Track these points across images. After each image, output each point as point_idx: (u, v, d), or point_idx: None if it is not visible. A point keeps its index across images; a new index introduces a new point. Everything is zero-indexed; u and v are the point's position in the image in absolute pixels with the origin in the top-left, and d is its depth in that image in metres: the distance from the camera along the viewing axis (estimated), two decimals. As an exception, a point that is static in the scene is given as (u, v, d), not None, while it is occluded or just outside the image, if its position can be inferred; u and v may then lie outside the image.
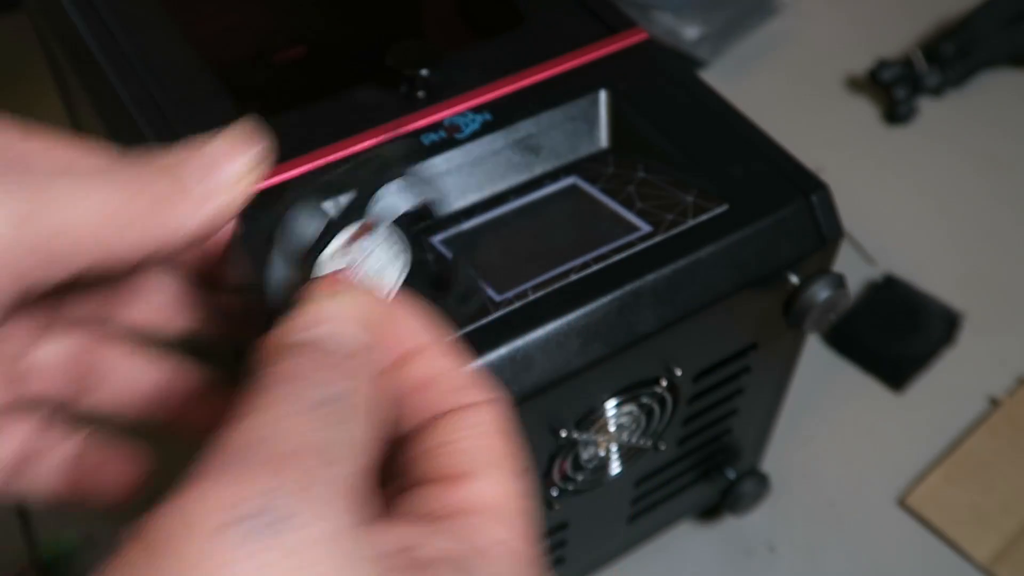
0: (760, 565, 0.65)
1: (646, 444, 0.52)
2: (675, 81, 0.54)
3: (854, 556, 0.66)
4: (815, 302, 0.48)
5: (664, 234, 0.47)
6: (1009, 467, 0.68)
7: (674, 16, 0.93)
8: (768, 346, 0.53)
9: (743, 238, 0.47)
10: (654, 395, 0.49)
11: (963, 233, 0.83)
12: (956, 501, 0.67)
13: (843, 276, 0.49)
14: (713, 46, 0.94)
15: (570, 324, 0.44)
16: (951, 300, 0.77)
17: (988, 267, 0.81)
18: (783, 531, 0.67)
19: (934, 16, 0.98)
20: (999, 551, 0.65)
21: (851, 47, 0.97)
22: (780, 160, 0.50)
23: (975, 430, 0.70)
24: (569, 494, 0.51)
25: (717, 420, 0.56)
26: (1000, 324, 0.77)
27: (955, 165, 0.88)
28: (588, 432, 0.48)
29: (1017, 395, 0.72)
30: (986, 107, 0.93)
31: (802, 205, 0.48)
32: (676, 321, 0.46)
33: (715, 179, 0.49)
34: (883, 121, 0.92)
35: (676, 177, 0.49)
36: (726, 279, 0.47)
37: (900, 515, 0.67)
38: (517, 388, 0.43)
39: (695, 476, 0.60)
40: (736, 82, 0.94)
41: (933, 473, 0.68)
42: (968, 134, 0.91)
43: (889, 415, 0.72)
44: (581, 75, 0.53)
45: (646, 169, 0.50)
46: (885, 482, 0.69)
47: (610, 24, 0.56)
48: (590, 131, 0.52)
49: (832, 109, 0.93)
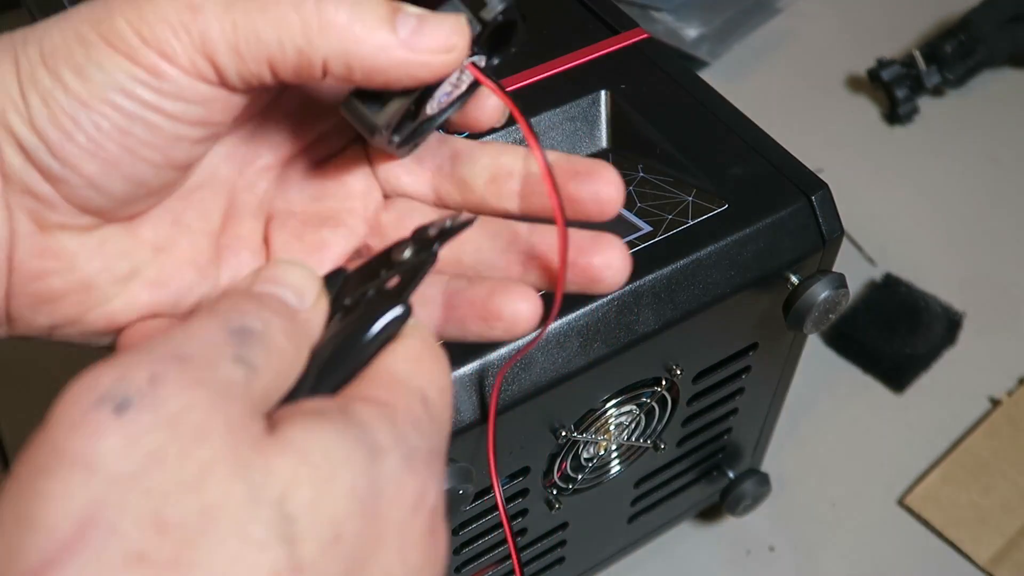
0: (760, 565, 0.65)
1: (646, 444, 0.52)
2: (675, 81, 0.54)
3: (854, 556, 0.66)
4: (815, 302, 0.48)
5: (664, 234, 0.47)
6: (1009, 467, 0.68)
7: (674, 16, 0.93)
8: (768, 346, 0.53)
9: (743, 238, 0.47)
10: (654, 395, 0.49)
11: (963, 233, 0.83)
12: (956, 501, 0.67)
13: (843, 276, 0.49)
14: (713, 46, 0.94)
15: (570, 324, 0.44)
16: (951, 300, 0.77)
17: (988, 267, 0.81)
18: (783, 531, 0.67)
19: (934, 16, 0.98)
20: (999, 551, 0.65)
21: (851, 47, 0.97)
22: (780, 160, 0.50)
23: (975, 430, 0.70)
24: (569, 494, 0.51)
25: (717, 420, 0.56)
26: (1000, 324, 0.77)
27: (955, 165, 0.88)
28: (588, 432, 0.48)
29: (1017, 395, 0.72)
30: (986, 107, 0.93)
31: (802, 205, 0.48)
32: (676, 321, 0.46)
33: (715, 179, 0.49)
34: (883, 121, 0.92)
35: (676, 177, 0.49)
36: (726, 279, 0.47)
37: (900, 515, 0.67)
38: (517, 388, 0.43)
39: (695, 476, 0.60)
40: (736, 82, 0.94)
41: (933, 473, 0.68)
42: (968, 134, 0.91)
43: (889, 415, 0.72)
44: (581, 75, 0.53)
45: (646, 169, 0.50)
46: (885, 482, 0.69)
47: (610, 24, 0.56)
48: (590, 131, 0.52)
49: (832, 109, 0.93)
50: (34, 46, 0.28)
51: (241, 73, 0.28)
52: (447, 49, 0.28)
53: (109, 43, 0.27)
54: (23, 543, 0.20)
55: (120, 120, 0.28)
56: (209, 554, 0.20)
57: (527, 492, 0.49)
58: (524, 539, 0.52)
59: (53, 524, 0.20)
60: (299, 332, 0.26)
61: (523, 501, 0.49)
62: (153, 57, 0.27)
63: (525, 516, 0.50)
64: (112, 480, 0.21)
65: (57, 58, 0.28)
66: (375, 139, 0.30)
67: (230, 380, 0.23)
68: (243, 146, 0.33)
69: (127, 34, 0.27)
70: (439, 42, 0.28)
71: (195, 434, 0.21)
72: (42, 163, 0.28)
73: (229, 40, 0.27)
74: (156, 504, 0.20)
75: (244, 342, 0.24)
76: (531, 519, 0.51)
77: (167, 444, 0.21)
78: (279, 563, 0.21)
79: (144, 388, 0.22)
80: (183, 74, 0.27)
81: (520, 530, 0.51)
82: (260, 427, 0.23)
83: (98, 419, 0.21)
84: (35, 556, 0.20)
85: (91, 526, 0.20)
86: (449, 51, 0.28)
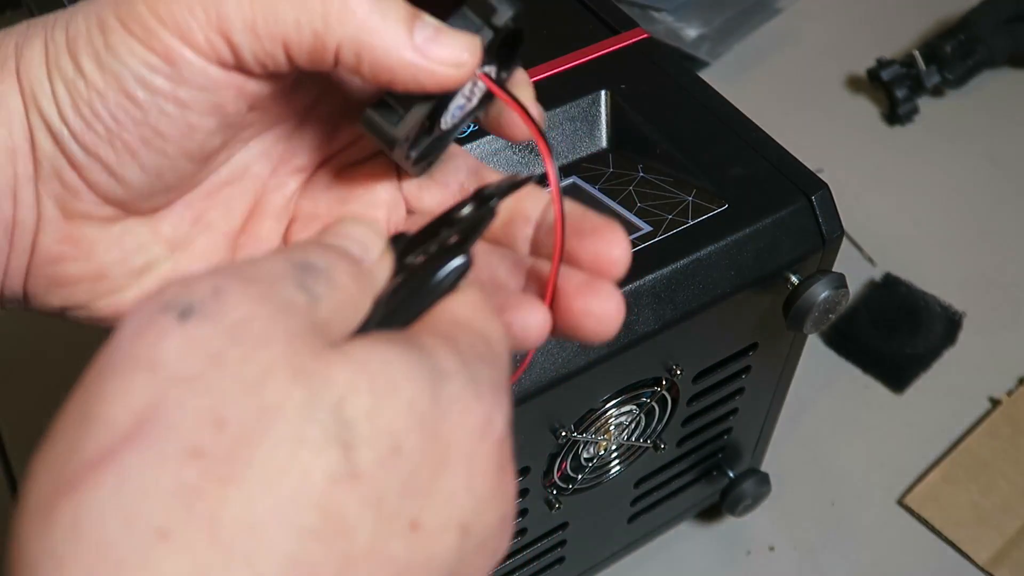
0: (760, 565, 0.65)
1: (646, 444, 0.52)
2: (675, 81, 0.54)
3: (854, 556, 0.66)
4: (815, 302, 0.48)
5: (664, 234, 0.47)
6: (1009, 467, 0.68)
7: (674, 16, 0.93)
8: (768, 346, 0.53)
9: (743, 238, 0.47)
10: (654, 395, 0.49)
11: (963, 233, 0.83)
12: (956, 501, 0.67)
13: (843, 276, 0.49)
14: (713, 46, 0.94)
15: (570, 324, 0.44)
16: (951, 300, 0.77)
17: (988, 267, 0.81)
18: (783, 531, 0.67)
19: (934, 16, 0.98)
20: (999, 551, 0.65)
21: (851, 47, 0.97)
22: (780, 160, 0.50)
23: (975, 430, 0.70)
24: (569, 494, 0.51)
25: (717, 420, 0.56)
26: (1000, 324, 0.77)
27: (955, 165, 0.88)
28: (588, 432, 0.48)
29: (1017, 395, 0.72)
30: (986, 107, 0.93)
31: (802, 205, 0.48)
32: (676, 321, 0.46)
33: (715, 179, 0.49)
34: (883, 121, 0.92)
35: (676, 177, 0.49)
36: (726, 279, 0.47)
37: (900, 515, 0.67)
38: (517, 388, 0.43)
39: (695, 476, 0.60)
40: (736, 82, 0.94)
41: (933, 473, 0.68)
42: (968, 134, 0.91)
43: (889, 415, 0.72)
44: (581, 75, 0.53)
45: (646, 169, 0.50)
46: (885, 482, 0.69)
47: (610, 24, 0.56)
48: (590, 131, 0.52)
49: (832, 109, 0.93)
50: (60, 31, 0.29)
51: (256, 53, 0.28)
52: (457, 64, 0.29)
53: (126, 27, 0.28)
54: (84, 437, 0.21)
55: (134, 111, 0.28)
56: (264, 453, 0.21)
57: (527, 492, 0.49)
58: (524, 539, 0.52)
59: (113, 419, 0.21)
60: (363, 277, 0.26)
61: (523, 501, 0.49)
62: (168, 38, 0.27)
63: (525, 516, 0.50)
64: (173, 380, 0.21)
65: (79, 44, 0.28)
66: (394, 152, 0.30)
67: (292, 301, 0.23)
68: (279, 145, 0.33)
69: (144, 15, 0.28)
70: (451, 55, 0.29)
71: (256, 341, 0.22)
72: (68, 149, 0.29)
73: (246, 17, 0.27)
74: (214, 403, 0.21)
75: (307, 274, 0.24)
76: (531, 519, 0.51)
77: (228, 348, 0.21)
78: (334, 466, 0.21)
79: (208, 298, 0.22)
80: (197, 56, 0.28)
81: (520, 530, 0.51)
82: (321, 342, 0.23)
83: (162, 324, 0.22)
84: (93, 448, 0.20)
85: (150, 421, 0.20)
86: (458, 67, 0.29)
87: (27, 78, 0.29)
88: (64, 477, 0.20)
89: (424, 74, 0.28)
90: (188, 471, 0.20)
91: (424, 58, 0.28)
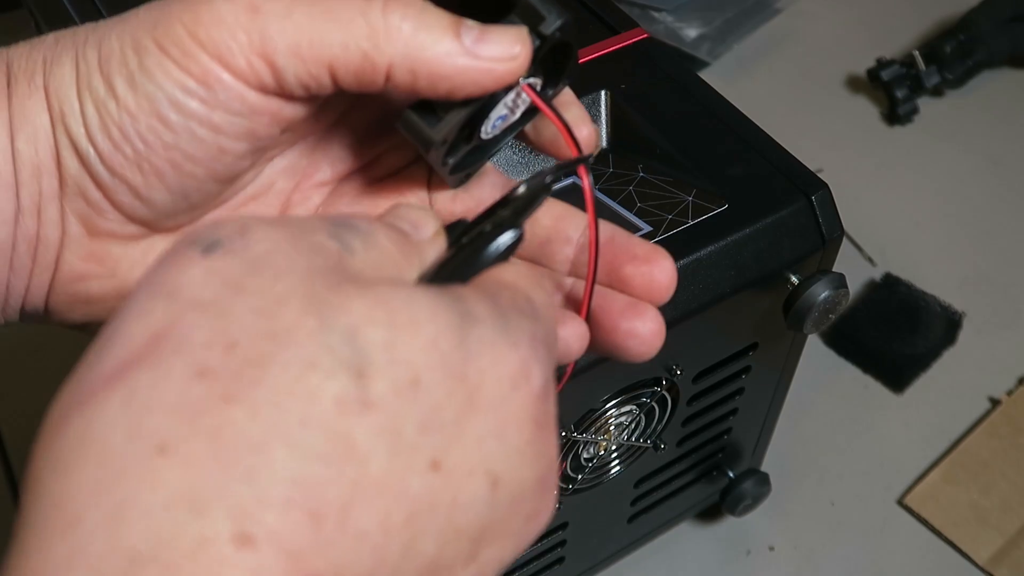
0: (760, 565, 0.65)
1: (646, 444, 0.52)
2: (675, 81, 0.54)
3: (854, 556, 0.66)
4: (815, 302, 0.48)
5: (664, 234, 0.47)
6: (1009, 467, 0.68)
7: (674, 16, 0.93)
8: (768, 346, 0.53)
9: (743, 238, 0.47)
10: (654, 395, 0.49)
11: (963, 233, 0.83)
12: (956, 501, 0.67)
13: (843, 276, 0.49)
14: (713, 46, 0.94)
15: (570, 324, 0.44)
16: (951, 300, 0.77)
17: (988, 267, 0.81)
18: (783, 531, 0.67)
19: (934, 16, 0.98)
20: (999, 551, 0.65)
21: (851, 47, 0.97)
22: (780, 160, 0.50)
23: (975, 430, 0.70)
24: (569, 494, 0.51)
25: (717, 420, 0.56)
26: (1000, 324, 0.77)
27: (955, 165, 0.88)
28: (588, 432, 0.48)
29: (1017, 395, 0.72)
30: (986, 107, 0.93)
31: (802, 205, 0.48)
32: (676, 321, 0.46)
33: (715, 179, 0.49)
34: (883, 121, 0.92)
35: (676, 177, 0.49)
36: (726, 279, 0.47)
37: (900, 515, 0.67)
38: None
39: (695, 476, 0.60)
40: (736, 82, 0.94)
41: (933, 473, 0.68)
42: (968, 134, 0.91)
43: (889, 415, 0.72)
44: (581, 75, 0.53)
45: (646, 169, 0.50)
46: (885, 482, 0.69)
47: (610, 24, 0.56)
48: (590, 131, 0.52)
49: (832, 109, 0.93)
50: (93, 49, 0.29)
51: (300, 76, 0.28)
52: (510, 57, 0.28)
53: (163, 49, 0.27)
54: (101, 353, 0.22)
55: (166, 134, 0.28)
56: (272, 375, 0.21)
57: (527, 492, 0.49)
58: (524, 539, 0.52)
59: (129, 337, 0.21)
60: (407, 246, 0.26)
61: (523, 501, 0.49)
62: (206, 61, 0.27)
63: (525, 516, 0.50)
64: (189, 304, 0.22)
65: (112, 64, 0.28)
66: (431, 155, 0.30)
67: (323, 245, 0.23)
68: (304, 159, 0.33)
69: (183, 37, 0.27)
70: (503, 50, 0.28)
71: (275, 272, 0.22)
72: (94, 170, 0.29)
73: (290, 41, 0.27)
74: (226, 325, 0.21)
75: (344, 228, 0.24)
76: (531, 519, 0.51)
77: (246, 277, 0.22)
78: (344, 392, 0.21)
79: (234, 234, 0.23)
80: (236, 79, 0.27)
81: (520, 530, 0.51)
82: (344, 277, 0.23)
83: (187, 256, 0.22)
84: (108, 364, 0.21)
85: (163, 339, 0.21)
86: (512, 59, 0.29)
87: (56, 96, 0.29)
88: (80, 391, 0.21)
89: (482, 75, 0.28)
90: (195, 389, 0.20)
91: (478, 59, 0.28)
